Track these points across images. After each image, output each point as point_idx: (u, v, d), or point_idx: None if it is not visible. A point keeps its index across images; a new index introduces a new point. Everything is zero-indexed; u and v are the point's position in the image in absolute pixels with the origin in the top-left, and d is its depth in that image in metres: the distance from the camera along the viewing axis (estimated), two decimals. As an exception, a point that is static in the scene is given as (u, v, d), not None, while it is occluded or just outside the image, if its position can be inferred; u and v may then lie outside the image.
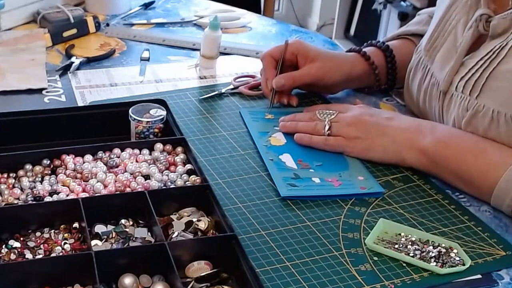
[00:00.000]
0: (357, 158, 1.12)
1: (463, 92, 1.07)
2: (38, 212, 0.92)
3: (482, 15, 1.06)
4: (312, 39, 1.58)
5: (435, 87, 1.14)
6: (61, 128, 1.10)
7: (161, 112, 1.11)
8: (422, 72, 1.19)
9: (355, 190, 1.05)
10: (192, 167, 1.02)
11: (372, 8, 3.37)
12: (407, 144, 1.08)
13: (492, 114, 1.03)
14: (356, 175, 1.08)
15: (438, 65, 1.15)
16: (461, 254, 0.93)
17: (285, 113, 1.22)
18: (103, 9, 1.63)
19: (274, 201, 1.03)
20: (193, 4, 1.74)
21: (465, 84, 1.07)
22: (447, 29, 1.14)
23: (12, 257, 0.87)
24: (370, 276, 0.90)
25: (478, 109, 1.04)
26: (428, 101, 1.17)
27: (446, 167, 1.05)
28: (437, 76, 1.14)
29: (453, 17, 1.14)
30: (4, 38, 1.47)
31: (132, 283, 0.84)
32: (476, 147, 1.04)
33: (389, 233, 0.97)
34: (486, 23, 1.06)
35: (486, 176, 1.01)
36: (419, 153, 1.07)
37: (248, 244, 0.93)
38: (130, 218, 0.94)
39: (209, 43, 1.38)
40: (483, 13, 1.06)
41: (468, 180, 1.04)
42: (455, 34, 1.12)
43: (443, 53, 1.14)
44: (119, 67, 1.40)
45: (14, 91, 1.28)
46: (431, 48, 1.17)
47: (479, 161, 1.03)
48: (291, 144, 1.16)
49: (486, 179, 1.01)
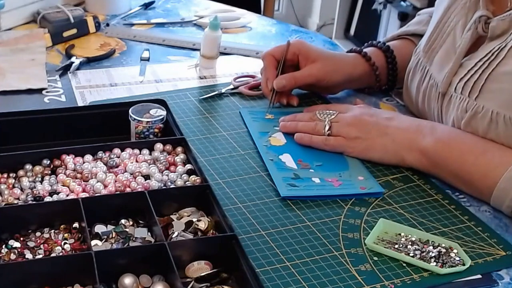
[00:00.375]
0: (357, 158, 1.12)
1: (462, 93, 1.07)
2: (38, 212, 0.92)
3: (481, 17, 1.06)
4: (312, 39, 1.58)
5: (434, 89, 1.14)
6: (61, 128, 1.10)
7: (161, 112, 1.11)
8: (421, 73, 1.19)
9: (355, 190, 1.05)
10: (192, 167, 1.02)
11: (372, 8, 3.37)
12: (407, 145, 1.08)
13: (491, 115, 1.03)
14: (356, 175, 1.08)
15: (436, 66, 1.15)
16: (461, 254, 0.93)
17: (285, 113, 1.22)
18: (103, 9, 1.63)
19: (274, 201, 1.03)
20: (193, 4, 1.74)
21: (464, 86, 1.07)
22: (445, 31, 1.14)
23: (12, 257, 0.87)
24: (370, 276, 0.90)
25: (477, 110, 1.04)
26: (427, 103, 1.17)
27: (446, 168, 1.06)
28: (436, 77, 1.14)
29: (451, 19, 1.14)
30: (4, 38, 1.47)
31: (132, 283, 0.84)
32: (476, 147, 1.04)
33: (389, 233, 0.97)
34: (485, 25, 1.06)
35: (486, 177, 1.01)
36: (419, 153, 1.07)
37: (248, 244, 0.93)
38: (130, 218, 0.94)
39: (209, 43, 1.38)
40: (482, 14, 1.06)
41: (468, 181, 1.04)
42: (454, 36, 1.12)
43: (442, 55, 1.14)
44: (119, 67, 1.40)
45: (14, 91, 1.28)
46: (429, 49, 1.17)
47: (479, 161, 1.03)
48: (291, 144, 1.16)
49: (486, 180, 1.01)
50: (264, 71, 1.26)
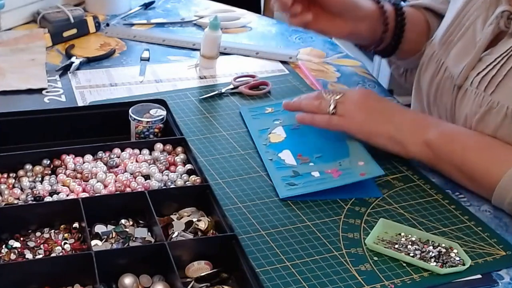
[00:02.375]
0: (359, 141, 1.11)
1: (477, 87, 1.06)
2: (38, 212, 0.92)
3: (503, 12, 1.05)
4: (312, 38, 1.58)
5: (449, 81, 1.13)
6: (61, 128, 1.10)
7: (161, 112, 1.11)
8: (435, 65, 1.17)
9: (355, 178, 1.05)
10: (192, 167, 1.02)
11: (372, 8, 3.36)
12: (411, 135, 1.07)
13: (506, 111, 1.02)
14: (356, 160, 1.08)
15: (453, 59, 1.13)
16: (461, 254, 0.93)
17: (285, 110, 1.22)
18: (103, 9, 1.63)
19: (274, 201, 1.03)
20: (193, 4, 1.74)
21: (481, 80, 1.06)
22: (464, 24, 1.13)
23: (12, 257, 0.87)
24: (370, 276, 0.90)
25: (492, 106, 1.03)
26: (439, 95, 1.16)
27: (450, 162, 1.05)
28: (451, 70, 1.13)
29: (471, 13, 1.12)
30: (4, 38, 1.47)
31: (132, 283, 0.84)
32: (481, 143, 1.04)
33: (389, 233, 0.97)
34: (507, 20, 1.05)
35: (488, 173, 1.01)
36: (423, 145, 1.06)
37: (248, 244, 0.93)
38: (130, 218, 0.94)
39: (209, 43, 1.38)
40: (505, 9, 1.05)
41: (470, 176, 1.03)
42: (474, 30, 1.11)
43: (460, 48, 1.12)
44: (119, 67, 1.40)
45: (14, 91, 1.28)
46: (446, 41, 1.16)
47: (483, 157, 1.02)
48: (291, 139, 1.15)
49: (488, 176, 1.01)
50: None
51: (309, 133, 1.16)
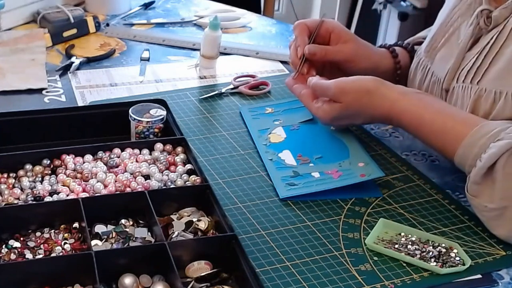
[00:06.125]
0: (359, 143, 1.12)
1: (464, 81, 1.07)
2: (38, 212, 0.92)
3: (482, 11, 1.06)
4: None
5: (437, 85, 1.14)
6: (61, 128, 1.10)
7: (161, 112, 1.11)
8: (422, 72, 1.18)
9: (355, 179, 1.05)
10: (192, 167, 1.02)
11: (372, 8, 3.37)
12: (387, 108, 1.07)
13: (494, 96, 1.01)
14: (356, 162, 1.08)
15: (438, 63, 1.14)
16: (461, 254, 0.93)
17: (285, 108, 1.22)
18: (103, 9, 1.63)
19: (274, 201, 1.03)
20: (193, 4, 1.74)
21: (466, 74, 1.06)
22: (448, 31, 1.14)
23: (12, 257, 0.87)
24: (370, 276, 0.90)
25: (480, 94, 1.03)
26: None
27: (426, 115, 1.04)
28: (438, 74, 1.14)
29: (454, 19, 1.13)
30: (4, 38, 1.47)
31: (132, 283, 0.84)
32: (450, 107, 1.06)
33: (389, 233, 0.97)
34: (487, 19, 1.05)
35: (455, 130, 1.00)
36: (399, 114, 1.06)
37: (248, 244, 0.93)
38: (130, 218, 0.94)
39: (209, 43, 1.38)
40: (484, 8, 1.05)
41: (441, 131, 1.02)
42: (458, 35, 1.12)
43: (444, 52, 1.13)
44: (119, 67, 1.40)
45: (14, 91, 1.28)
46: (431, 49, 1.17)
47: (456, 114, 1.03)
48: (291, 139, 1.16)
49: (456, 133, 1.00)
50: (295, 39, 1.21)
51: (309, 134, 1.16)
